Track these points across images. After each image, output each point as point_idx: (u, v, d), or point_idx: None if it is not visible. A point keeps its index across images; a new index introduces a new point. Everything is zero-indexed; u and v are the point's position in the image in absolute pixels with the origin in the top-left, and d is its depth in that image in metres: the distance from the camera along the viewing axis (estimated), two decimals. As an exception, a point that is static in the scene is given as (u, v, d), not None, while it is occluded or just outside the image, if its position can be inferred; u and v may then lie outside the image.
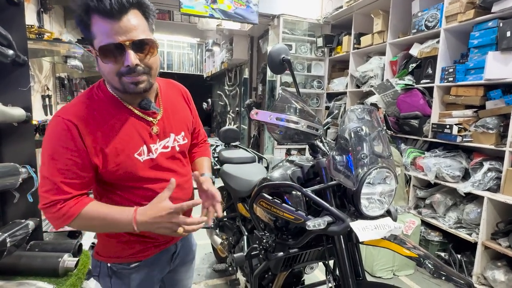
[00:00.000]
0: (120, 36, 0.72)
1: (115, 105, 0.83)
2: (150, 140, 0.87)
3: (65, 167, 0.76)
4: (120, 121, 0.82)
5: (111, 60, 0.74)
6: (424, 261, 0.96)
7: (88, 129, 0.77)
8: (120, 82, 0.77)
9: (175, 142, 0.93)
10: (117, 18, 0.71)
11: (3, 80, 1.19)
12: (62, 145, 0.75)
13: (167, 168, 0.90)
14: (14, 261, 1.16)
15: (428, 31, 2.62)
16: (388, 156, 1.04)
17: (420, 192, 2.64)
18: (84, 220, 0.78)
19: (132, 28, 0.73)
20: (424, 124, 2.64)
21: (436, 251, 2.45)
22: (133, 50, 0.74)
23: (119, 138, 0.81)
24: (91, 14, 0.72)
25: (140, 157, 0.84)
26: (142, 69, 0.77)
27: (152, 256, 0.95)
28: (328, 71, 4.28)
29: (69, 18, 2.34)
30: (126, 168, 0.82)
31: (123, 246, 0.91)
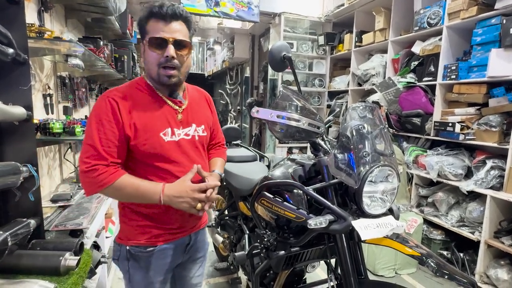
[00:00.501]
0: (166, 34, 0.93)
1: (149, 92, 1.01)
2: (174, 125, 1.02)
3: (105, 136, 0.91)
4: (152, 104, 0.99)
5: (155, 50, 0.94)
6: (427, 260, 0.95)
7: (125, 106, 0.94)
8: (158, 72, 0.96)
9: (196, 132, 1.07)
10: (167, 22, 0.94)
11: (3, 79, 1.18)
12: (104, 117, 0.92)
13: (187, 154, 1.03)
14: (15, 260, 1.15)
15: (430, 29, 2.60)
16: (391, 154, 1.03)
17: (422, 191, 2.63)
18: (117, 188, 0.91)
19: (176, 31, 0.94)
20: (426, 122, 2.63)
21: (439, 249, 2.44)
22: (173, 46, 0.94)
23: (149, 117, 0.97)
24: (150, 18, 0.94)
25: (165, 137, 0.98)
26: (176, 63, 0.95)
27: (167, 243, 1.05)
28: (329, 70, 4.26)
29: (70, 17, 2.33)
30: (152, 144, 0.96)
31: (141, 230, 1.03)
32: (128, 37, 3.42)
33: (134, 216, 1.02)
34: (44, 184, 1.81)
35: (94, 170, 0.88)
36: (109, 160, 0.91)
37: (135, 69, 3.96)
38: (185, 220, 1.08)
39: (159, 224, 1.03)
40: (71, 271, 1.20)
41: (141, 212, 1.02)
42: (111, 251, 2.24)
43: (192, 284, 1.24)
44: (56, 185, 1.94)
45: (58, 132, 1.42)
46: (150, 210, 1.01)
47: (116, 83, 3.81)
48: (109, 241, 2.20)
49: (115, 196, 0.96)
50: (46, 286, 1.00)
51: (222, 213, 2.01)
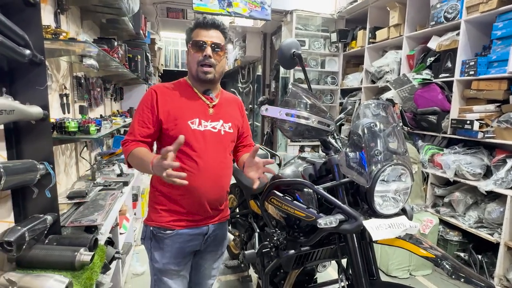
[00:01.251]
0: (205, 38, 1.13)
1: (187, 89, 1.20)
2: (203, 117, 1.16)
3: (141, 118, 1.13)
4: (186, 97, 1.18)
5: (196, 51, 1.13)
6: (442, 262, 0.92)
7: (163, 96, 1.15)
8: (197, 69, 1.14)
9: (222, 127, 1.19)
10: (207, 29, 1.14)
11: (21, 80, 1.22)
12: (145, 104, 1.14)
13: (209, 143, 1.15)
14: (33, 254, 1.19)
15: (447, 23, 2.51)
16: (404, 152, 1.00)
17: (438, 190, 2.56)
18: (132, 157, 1.09)
19: (213, 37, 1.14)
20: (442, 120, 2.55)
21: (455, 251, 2.36)
22: (210, 48, 1.13)
23: (182, 107, 1.15)
24: (195, 28, 1.16)
25: (192, 125, 1.14)
26: (212, 61, 1.13)
27: (185, 229, 1.18)
28: (342, 67, 4.20)
29: (85, 19, 2.39)
30: (179, 129, 1.12)
31: (164, 214, 1.18)
32: (141, 38, 3.48)
33: (159, 199, 1.18)
34: (61, 181, 1.87)
35: (127, 143, 1.12)
36: (138, 138, 1.12)
37: (149, 69, 4.03)
38: (204, 209, 1.19)
39: (180, 209, 1.16)
40: (85, 266, 1.24)
41: (165, 194, 1.17)
42: (125, 248, 2.30)
43: (206, 275, 1.34)
44: (72, 182, 2.00)
45: (73, 130, 1.46)
46: (171, 190, 1.16)
47: (130, 82, 3.88)
48: (123, 238, 2.24)
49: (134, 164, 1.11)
50: (61, 281, 1.03)
51: (233, 211, 2.02)
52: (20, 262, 1.20)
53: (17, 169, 1.10)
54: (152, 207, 1.22)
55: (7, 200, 1.26)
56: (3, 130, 1.23)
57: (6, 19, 1.03)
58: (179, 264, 1.21)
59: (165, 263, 1.19)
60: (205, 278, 1.34)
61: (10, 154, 1.26)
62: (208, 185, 1.16)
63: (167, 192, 1.18)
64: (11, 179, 1.05)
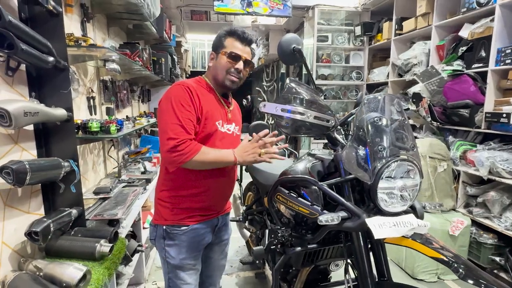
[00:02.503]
0: (243, 54, 1.19)
1: (209, 89, 1.23)
2: (224, 119, 1.23)
3: (186, 116, 1.09)
4: (212, 98, 1.22)
5: (230, 62, 1.18)
6: (453, 264, 0.87)
7: (197, 94, 1.14)
8: (225, 77, 1.19)
9: (235, 129, 1.29)
10: (244, 45, 1.20)
11: (47, 85, 1.33)
12: (183, 100, 1.10)
13: (225, 144, 1.20)
14: (59, 244, 1.31)
15: (480, 9, 2.33)
16: (412, 148, 0.96)
17: (471, 189, 2.38)
18: (203, 154, 1.08)
19: (248, 53, 1.22)
20: (476, 113, 2.37)
21: (490, 255, 2.19)
22: (244, 63, 1.20)
23: (211, 107, 1.18)
24: (231, 37, 1.19)
25: (218, 126, 1.19)
26: (241, 75, 1.21)
27: (198, 224, 1.23)
28: (368, 61, 4.05)
29: (111, 25, 2.54)
30: (209, 128, 1.15)
31: (177, 212, 1.21)
32: (166, 41, 3.61)
33: (171, 199, 1.21)
34: (89, 178, 2.01)
35: (185, 143, 1.05)
36: (192, 136, 1.10)
37: (175, 71, 4.17)
38: (220, 205, 1.29)
39: (195, 205, 1.21)
40: (105, 256, 1.33)
41: (182, 195, 1.20)
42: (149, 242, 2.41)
43: (217, 266, 1.41)
44: (99, 179, 2.14)
45: (95, 130, 1.57)
46: (191, 191, 1.20)
47: (157, 84, 4.05)
48: (147, 232, 2.36)
49: (199, 162, 1.09)
50: (80, 268, 1.11)
51: (250, 208, 2.04)
52: (48, 251, 1.32)
53: (42, 166, 1.20)
54: (162, 206, 1.25)
55: (38, 194, 1.39)
56: (33, 131, 1.35)
57: (30, 29, 1.13)
58: (195, 257, 1.27)
59: (182, 259, 1.23)
60: (215, 269, 1.40)
61: (40, 152, 1.38)
62: (225, 183, 1.27)
63: (186, 193, 1.21)
64: (37, 175, 1.15)
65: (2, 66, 1.15)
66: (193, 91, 1.13)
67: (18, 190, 1.24)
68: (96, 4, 2.09)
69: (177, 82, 1.18)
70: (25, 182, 1.08)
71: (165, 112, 1.10)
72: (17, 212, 1.25)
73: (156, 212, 1.28)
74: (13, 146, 1.23)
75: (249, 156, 1.13)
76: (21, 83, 1.28)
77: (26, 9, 1.26)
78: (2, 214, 1.16)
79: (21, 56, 1.07)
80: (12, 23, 1.01)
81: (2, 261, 1.15)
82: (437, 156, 2.37)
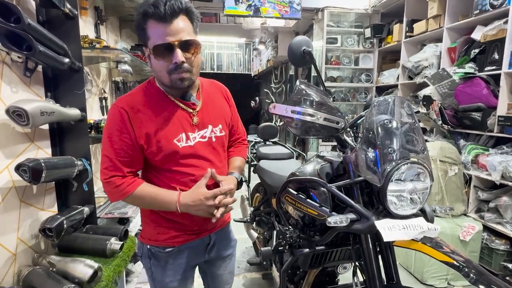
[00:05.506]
0: (170, 37, 0.84)
1: (161, 97, 0.95)
2: (189, 129, 0.97)
3: (119, 147, 0.89)
4: (164, 110, 0.94)
5: (162, 58, 0.86)
6: (464, 268, 0.86)
7: (136, 114, 0.90)
8: (170, 78, 0.89)
9: (212, 133, 1.02)
10: (168, 22, 0.83)
11: (62, 85, 1.37)
12: (116, 127, 0.89)
13: (203, 156, 0.99)
14: (71, 241, 1.34)
15: (493, 11, 2.29)
16: (422, 151, 0.95)
17: (482, 194, 2.34)
18: (136, 198, 0.91)
19: (180, 30, 0.85)
20: (488, 117, 2.33)
21: (502, 261, 2.14)
22: (181, 49, 0.85)
23: (162, 124, 0.93)
24: (148, 20, 0.85)
25: (179, 143, 0.94)
26: (187, 67, 0.88)
27: (186, 243, 1.04)
28: (377, 63, 4.02)
29: (123, 28, 2.59)
30: (166, 151, 0.93)
31: (160, 230, 1.02)
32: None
33: (154, 217, 1.02)
34: (100, 177, 2.05)
35: (112, 182, 0.89)
36: (125, 171, 0.90)
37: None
38: (204, 223, 1.05)
39: (178, 226, 1.02)
40: (115, 254, 1.35)
41: (160, 214, 1.01)
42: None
43: (223, 281, 1.23)
44: (110, 178, 2.18)
45: (108, 130, 1.60)
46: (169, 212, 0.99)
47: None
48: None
49: (136, 204, 0.97)
50: (91, 265, 1.14)
51: (258, 209, 2.05)
52: (61, 247, 1.36)
53: (57, 164, 1.24)
54: (146, 224, 1.06)
55: (51, 192, 1.43)
56: (48, 130, 1.40)
57: (48, 31, 1.17)
58: (182, 280, 1.08)
59: (169, 281, 1.05)
60: (222, 284, 1.24)
61: (54, 151, 1.42)
62: None
63: (163, 213, 1.01)
64: (52, 173, 1.19)
65: (20, 67, 1.19)
66: (130, 112, 0.89)
67: (33, 187, 1.28)
68: (109, 7, 2.14)
69: (116, 101, 0.93)
70: (41, 179, 1.11)
71: (102, 138, 0.92)
72: (32, 209, 1.29)
73: (142, 228, 1.09)
74: (30, 145, 1.26)
75: (198, 212, 0.92)
76: (38, 84, 1.33)
77: (44, 12, 1.31)
78: (18, 211, 1.20)
79: (38, 58, 1.11)
80: (31, 26, 1.04)
81: (17, 256, 1.19)
82: (448, 160, 2.34)
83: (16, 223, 1.18)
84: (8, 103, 1.09)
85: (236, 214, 2.26)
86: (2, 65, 1.12)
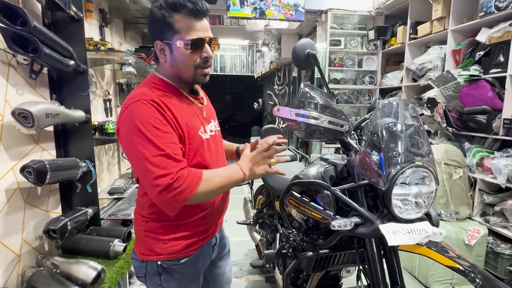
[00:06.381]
0: (203, 33, 0.87)
1: (174, 91, 0.93)
2: (204, 122, 0.98)
3: (168, 140, 0.82)
4: (183, 103, 0.93)
5: (194, 52, 0.86)
6: (470, 273, 0.85)
7: (165, 107, 0.85)
8: (194, 72, 0.90)
9: (215, 127, 1.04)
10: (201, 18, 0.87)
11: (67, 87, 1.38)
12: (156, 121, 0.82)
13: (214, 150, 1.00)
14: (75, 242, 1.35)
15: (499, 13, 2.27)
16: (427, 154, 0.94)
17: (488, 198, 2.31)
18: (207, 182, 0.84)
19: (208, 28, 0.89)
20: (493, 119, 2.31)
21: (508, 266, 2.12)
22: (209, 45, 0.89)
23: (187, 117, 0.91)
24: (176, 13, 0.84)
25: (202, 135, 0.95)
26: (210, 63, 0.92)
27: (198, 250, 1.01)
28: (381, 65, 4.01)
29: (128, 30, 2.61)
30: (194, 143, 0.91)
31: (173, 243, 0.95)
32: (180, 45, 3.68)
33: (164, 229, 0.95)
34: (104, 178, 2.05)
35: (180, 178, 0.80)
36: (184, 163, 0.84)
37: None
38: (217, 222, 1.06)
39: (191, 232, 0.97)
40: (118, 255, 1.36)
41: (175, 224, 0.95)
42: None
43: (225, 280, 1.23)
44: (114, 180, 2.18)
45: (111, 132, 1.61)
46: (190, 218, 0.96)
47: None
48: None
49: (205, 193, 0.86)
50: (94, 267, 1.14)
51: (261, 212, 2.04)
52: (64, 249, 1.36)
53: (61, 166, 1.25)
54: (155, 240, 0.95)
55: (56, 193, 1.44)
56: (53, 132, 1.40)
57: (53, 34, 1.18)
58: (198, 285, 1.07)
59: None
60: (224, 283, 1.23)
61: (59, 153, 1.43)
62: (221, 196, 1.03)
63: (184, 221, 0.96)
64: (56, 174, 1.19)
65: (26, 69, 1.20)
66: (161, 104, 0.84)
67: (38, 189, 1.29)
68: (114, 10, 2.16)
69: (134, 96, 0.85)
70: (46, 181, 1.11)
71: (136, 143, 0.80)
72: (37, 210, 1.29)
73: (141, 244, 0.98)
74: (35, 146, 1.27)
75: (259, 168, 0.93)
76: (43, 86, 1.34)
77: (49, 14, 1.32)
78: (22, 212, 1.20)
79: (44, 60, 1.12)
80: (37, 29, 1.05)
81: (21, 257, 1.19)
82: (453, 163, 2.32)
83: (21, 224, 1.19)
84: (14, 105, 1.10)
85: (239, 216, 2.26)
86: (8, 67, 1.13)
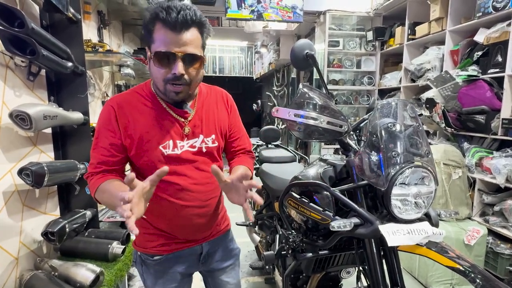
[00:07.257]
0: (175, 47, 0.80)
1: (153, 101, 0.92)
2: (177, 137, 0.93)
3: (103, 145, 0.88)
4: (154, 115, 0.91)
5: (161, 65, 0.82)
6: (470, 274, 0.85)
7: (123, 114, 0.88)
8: (165, 87, 0.86)
9: (203, 143, 0.97)
10: (177, 31, 0.80)
11: (65, 89, 1.38)
12: (104, 125, 0.88)
13: (191, 165, 0.95)
14: (73, 245, 1.34)
15: (496, 13, 2.28)
16: (427, 154, 0.94)
17: (487, 198, 2.32)
18: (99, 193, 0.84)
19: (188, 43, 0.81)
20: (492, 119, 2.31)
21: (508, 265, 2.12)
22: (183, 62, 0.82)
23: (149, 128, 0.90)
24: (156, 22, 0.81)
25: (164, 150, 0.91)
26: (185, 80, 0.84)
27: (174, 252, 1.01)
28: (380, 66, 4.02)
29: (126, 32, 2.61)
30: (150, 157, 0.90)
31: (149, 238, 0.99)
32: (178, 46, 3.68)
33: (144, 223, 0.98)
34: (103, 180, 2.05)
35: (89, 178, 0.89)
36: (103, 168, 0.87)
37: (186, 75, 4.24)
38: (191, 233, 1.01)
39: (167, 234, 0.99)
40: (117, 258, 1.35)
41: (148, 221, 0.98)
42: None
43: None
44: (113, 182, 2.18)
45: (110, 134, 1.60)
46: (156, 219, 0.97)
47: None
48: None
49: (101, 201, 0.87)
50: (93, 270, 1.13)
51: (260, 213, 2.04)
52: (63, 251, 1.35)
53: (59, 168, 1.24)
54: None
55: (54, 195, 1.43)
56: (51, 134, 1.40)
57: (51, 36, 1.18)
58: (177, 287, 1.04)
59: None
60: None
61: (57, 154, 1.42)
62: (194, 212, 0.97)
63: (149, 218, 0.98)
64: (54, 176, 1.19)
65: (24, 71, 1.20)
66: (118, 112, 0.87)
67: (36, 191, 1.28)
68: (112, 11, 2.16)
69: (110, 98, 0.95)
70: (43, 183, 1.11)
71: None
72: (35, 213, 1.28)
73: None
74: (32, 148, 1.27)
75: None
76: (41, 88, 1.33)
77: (47, 16, 1.32)
78: (20, 214, 1.20)
79: (42, 62, 1.11)
80: (34, 30, 1.05)
81: (19, 260, 1.18)
82: (452, 163, 2.32)
83: (19, 227, 1.18)
84: (12, 107, 1.10)
85: (238, 217, 2.25)
86: (5, 69, 1.12)
